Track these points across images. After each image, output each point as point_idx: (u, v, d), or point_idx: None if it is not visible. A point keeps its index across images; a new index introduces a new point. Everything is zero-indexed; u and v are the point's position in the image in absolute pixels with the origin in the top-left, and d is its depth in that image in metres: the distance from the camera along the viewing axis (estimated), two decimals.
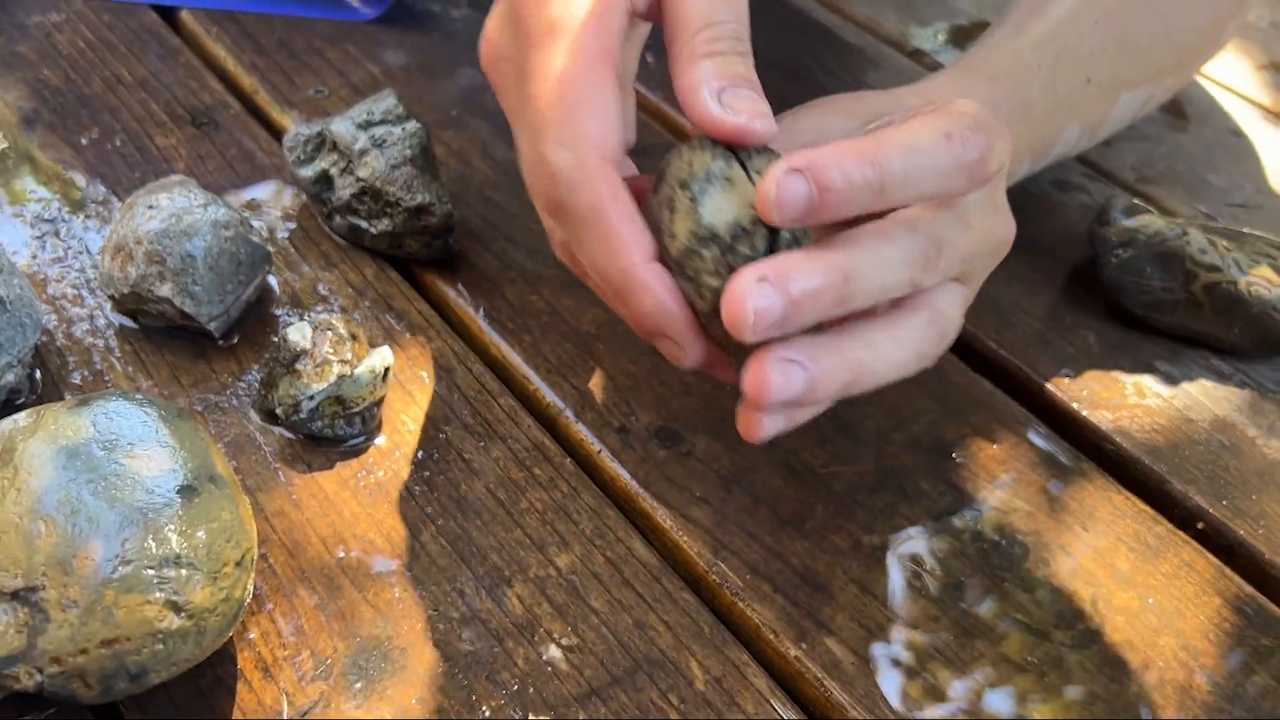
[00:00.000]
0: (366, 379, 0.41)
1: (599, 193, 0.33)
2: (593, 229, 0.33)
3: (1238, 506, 0.45)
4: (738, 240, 0.32)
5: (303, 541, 0.40)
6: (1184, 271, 0.51)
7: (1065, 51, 0.51)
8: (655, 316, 0.33)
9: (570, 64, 0.33)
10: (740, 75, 0.34)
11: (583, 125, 0.33)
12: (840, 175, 0.31)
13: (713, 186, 0.33)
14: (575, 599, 0.39)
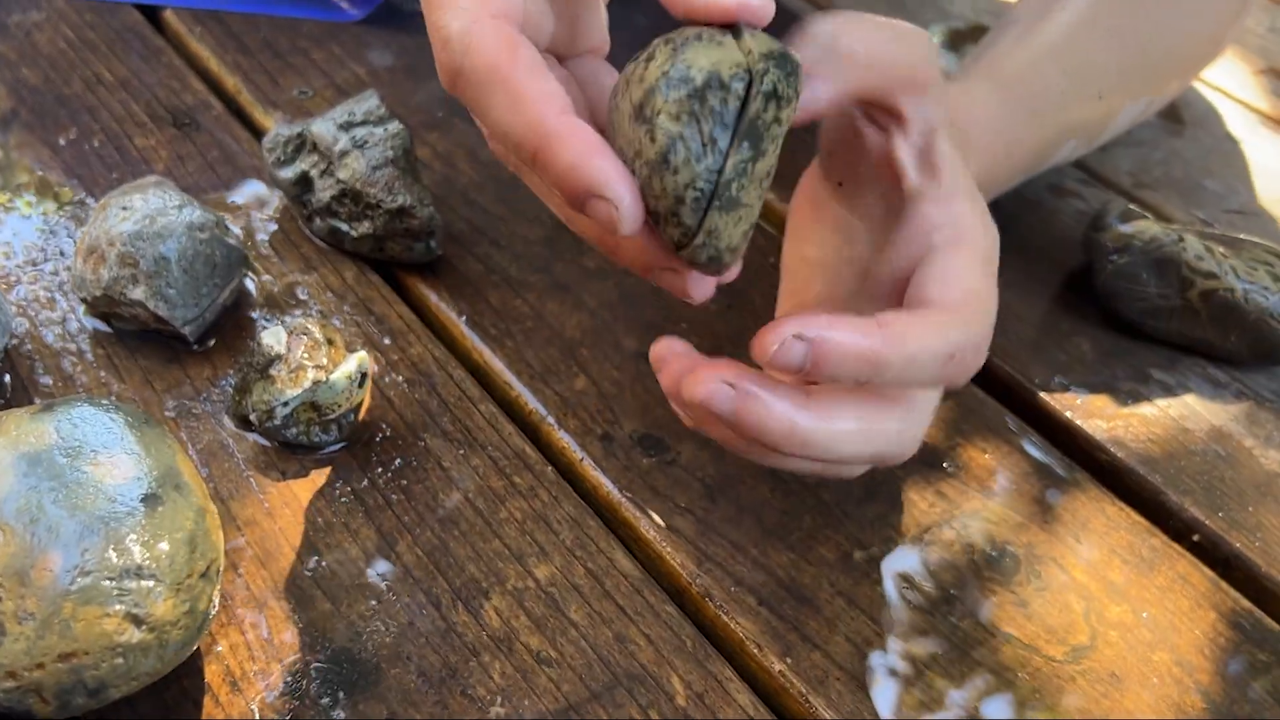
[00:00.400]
0: (342, 385, 0.41)
1: (495, 50, 0.29)
2: (495, 90, 0.29)
3: (1234, 518, 0.45)
4: (710, 89, 0.29)
5: (275, 551, 0.39)
6: (1180, 278, 0.50)
7: (1081, 65, 0.51)
8: (581, 167, 0.28)
9: None
10: None
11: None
12: (837, 361, 0.31)
13: (699, 42, 0.29)
14: (554, 611, 0.38)
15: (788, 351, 0.31)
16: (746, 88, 0.29)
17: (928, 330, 0.33)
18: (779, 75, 0.29)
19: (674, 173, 0.29)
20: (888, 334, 0.32)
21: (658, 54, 0.30)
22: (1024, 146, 0.49)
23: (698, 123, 0.29)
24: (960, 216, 0.37)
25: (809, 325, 0.31)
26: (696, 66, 0.29)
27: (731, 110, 0.29)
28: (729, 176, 0.29)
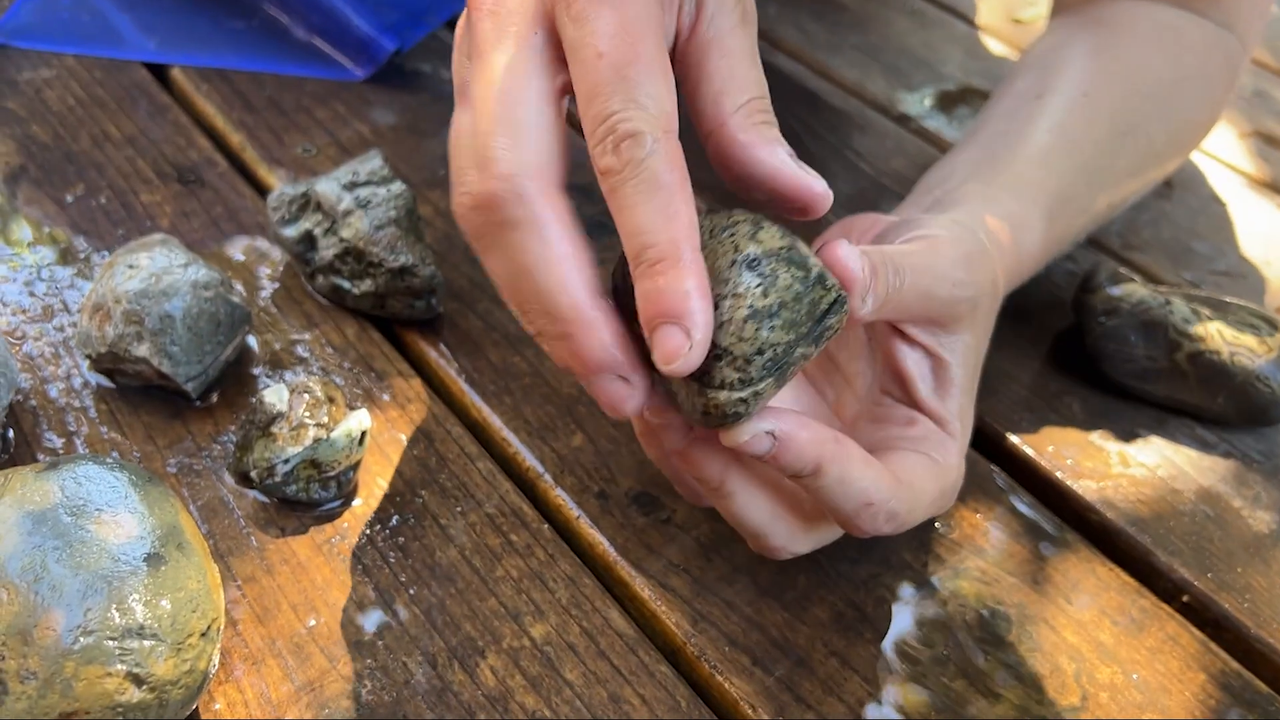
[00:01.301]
0: (343, 443, 0.41)
1: (673, 160, 0.31)
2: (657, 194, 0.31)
3: (1222, 579, 0.45)
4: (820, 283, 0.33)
5: (273, 608, 0.39)
6: (1168, 340, 0.51)
7: (1105, 174, 0.52)
8: (691, 296, 0.31)
9: (643, 27, 0.32)
10: (793, 153, 0.35)
11: (658, 93, 0.32)
12: (794, 458, 0.34)
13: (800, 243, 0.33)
14: (549, 671, 0.39)
15: (757, 444, 0.34)
16: (835, 299, 0.33)
17: (869, 470, 0.36)
18: (844, 312, 0.34)
19: (771, 329, 0.32)
20: (840, 448, 0.35)
21: (767, 226, 0.33)
22: (1047, 246, 0.50)
23: (799, 304, 0.32)
24: (948, 453, 0.40)
25: (783, 423, 0.34)
26: (812, 260, 0.33)
27: (820, 310, 0.33)
28: (794, 359, 0.33)
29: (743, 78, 0.35)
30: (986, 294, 0.42)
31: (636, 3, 0.32)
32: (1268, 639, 0.43)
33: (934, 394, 0.41)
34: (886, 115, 0.71)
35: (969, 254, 0.41)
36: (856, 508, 0.36)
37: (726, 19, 0.36)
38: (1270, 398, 0.50)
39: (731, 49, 0.35)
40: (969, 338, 0.41)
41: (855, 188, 0.64)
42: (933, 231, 0.40)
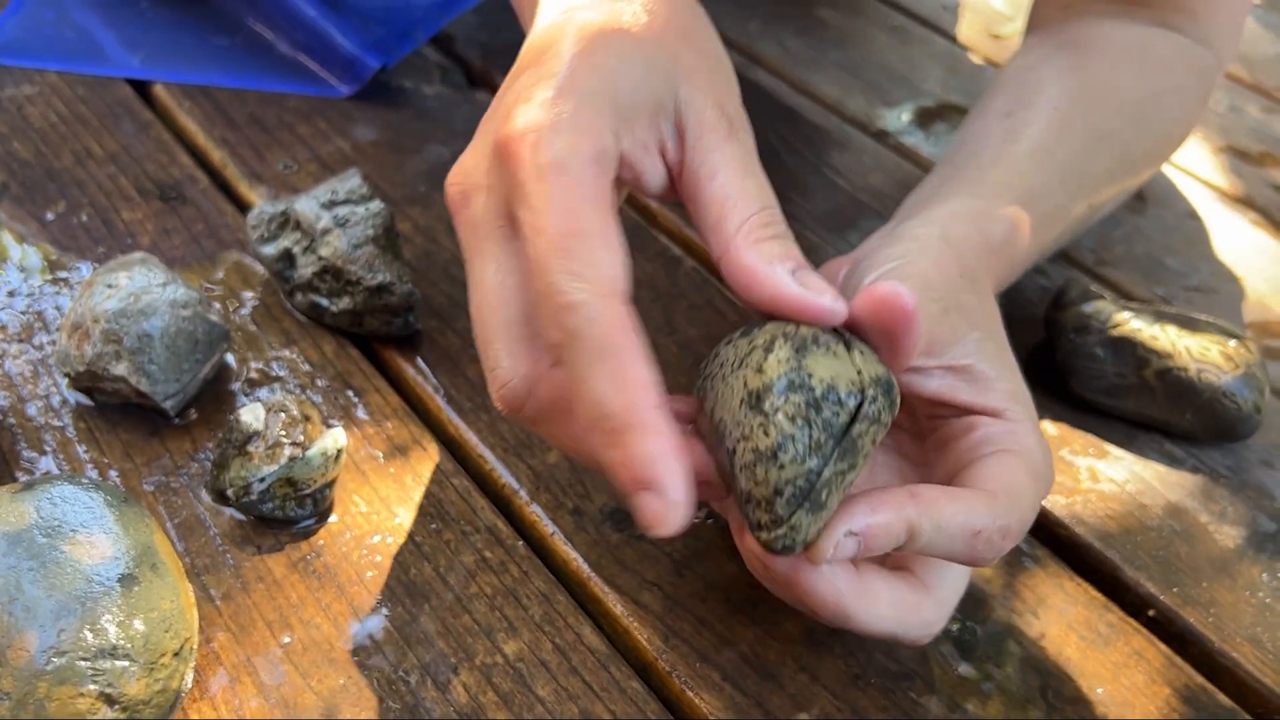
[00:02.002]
0: (318, 461, 0.42)
1: (616, 325, 0.31)
2: (605, 364, 0.31)
3: (1188, 594, 0.46)
4: (826, 400, 0.32)
5: (249, 625, 0.40)
6: (1136, 358, 0.51)
7: (1083, 181, 0.53)
8: (657, 462, 0.30)
9: (580, 200, 0.32)
10: (802, 259, 0.35)
11: (597, 259, 0.32)
12: (883, 540, 0.34)
13: (818, 349, 0.33)
14: (521, 687, 0.39)
15: (844, 549, 0.34)
16: (857, 406, 0.32)
17: (957, 505, 0.35)
18: (884, 403, 0.33)
19: (780, 468, 0.32)
20: (919, 502, 0.34)
21: (778, 348, 0.33)
22: (1028, 254, 0.51)
23: (810, 428, 0.32)
24: (1020, 437, 0.39)
25: (855, 519, 0.34)
26: (817, 376, 0.32)
27: (840, 423, 0.32)
28: (824, 481, 0.32)
29: (738, 195, 0.35)
30: (963, 289, 0.41)
31: (574, 175, 0.33)
32: (1231, 653, 0.44)
33: (976, 395, 0.39)
34: (865, 131, 0.71)
35: (935, 261, 0.41)
36: (968, 545, 0.35)
37: (710, 139, 0.36)
38: (1237, 414, 0.51)
39: (720, 168, 0.36)
40: (975, 332, 0.40)
41: (833, 204, 0.65)
42: (890, 265, 0.40)
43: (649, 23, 0.37)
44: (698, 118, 0.36)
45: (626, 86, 0.35)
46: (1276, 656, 0.44)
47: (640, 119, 0.36)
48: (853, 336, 0.35)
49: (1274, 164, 0.75)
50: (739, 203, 0.35)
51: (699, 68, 0.37)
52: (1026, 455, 0.38)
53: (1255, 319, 0.61)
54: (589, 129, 0.34)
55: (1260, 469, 0.52)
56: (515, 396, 0.36)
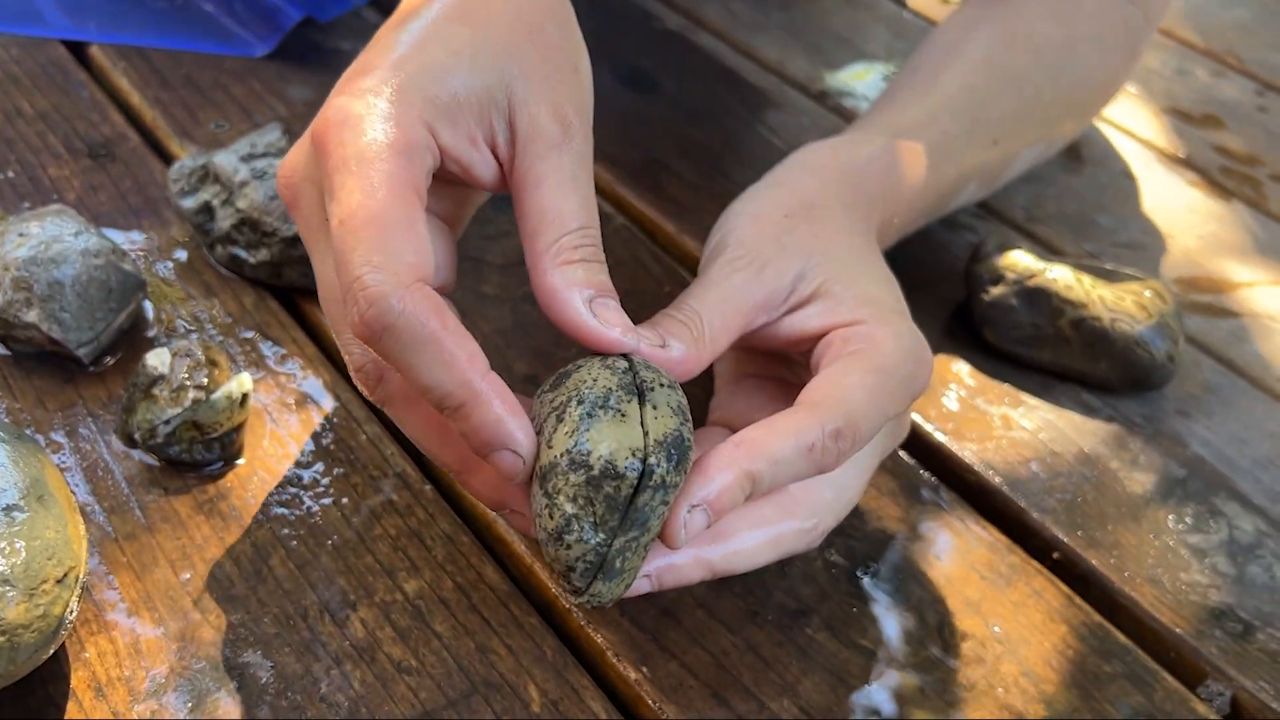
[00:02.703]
0: (223, 404, 0.42)
1: (424, 311, 0.32)
2: (425, 350, 0.32)
3: (1093, 537, 0.46)
4: (606, 478, 0.32)
5: (150, 564, 0.40)
6: (1051, 308, 0.52)
7: (979, 116, 0.53)
8: (498, 424, 0.33)
9: (382, 190, 0.33)
10: (605, 286, 0.35)
11: (397, 247, 0.32)
12: (729, 501, 0.34)
13: (605, 414, 0.33)
14: (419, 623, 0.40)
15: (694, 525, 0.34)
16: (639, 477, 0.32)
17: (782, 432, 0.35)
18: (669, 467, 0.33)
19: (567, 548, 0.32)
20: (747, 449, 0.34)
21: (569, 413, 0.33)
22: (925, 197, 0.51)
23: (592, 507, 0.32)
24: (866, 335, 0.39)
25: (694, 493, 0.34)
26: (596, 452, 0.32)
27: (623, 497, 0.32)
28: (616, 552, 0.33)
29: (555, 211, 0.35)
30: (788, 227, 0.41)
31: (377, 166, 0.33)
32: (1131, 593, 0.44)
33: (826, 316, 0.40)
34: (805, 93, 0.72)
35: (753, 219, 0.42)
36: (809, 462, 0.35)
37: (538, 146, 0.36)
38: (1150, 363, 0.51)
39: (545, 179, 0.36)
40: (812, 258, 0.40)
41: (767, 164, 0.65)
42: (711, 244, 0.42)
43: (491, 16, 0.37)
44: (530, 121, 0.36)
45: (451, 79, 0.35)
46: (1175, 596, 0.44)
47: (465, 113, 0.36)
48: (653, 376, 0.34)
49: (1217, 126, 0.75)
50: (555, 219, 0.35)
51: (540, 68, 0.37)
52: (869, 350, 0.38)
53: (1183, 275, 0.61)
54: (399, 120, 0.34)
55: (1175, 418, 0.52)
56: (370, 379, 0.37)
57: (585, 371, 0.34)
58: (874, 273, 0.42)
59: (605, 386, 0.33)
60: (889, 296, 0.41)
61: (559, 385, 0.35)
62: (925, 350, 0.40)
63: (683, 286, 0.55)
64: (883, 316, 0.39)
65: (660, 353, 0.36)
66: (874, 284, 0.41)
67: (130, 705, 0.36)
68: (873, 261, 0.43)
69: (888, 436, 0.42)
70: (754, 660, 0.40)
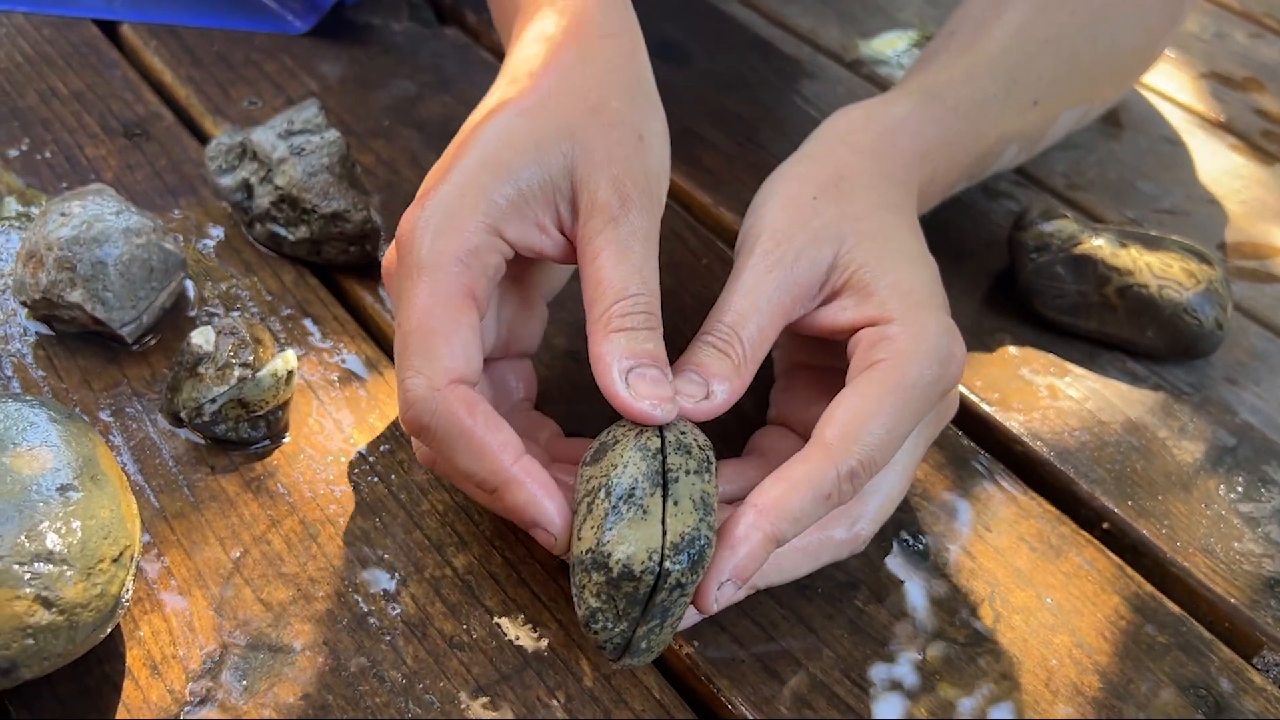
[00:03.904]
0: (268, 382, 0.42)
1: (456, 410, 0.35)
2: (458, 443, 0.35)
3: (1143, 506, 0.46)
4: (624, 579, 0.33)
5: (200, 542, 0.40)
6: (1097, 275, 0.51)
7: (1017, 76, 0.52)
8: (528, 507, 0.35)
9: (432, 300, 0.36)
10: (648, 354, 0.36)
11: (437, 353, 0.35)
12: (756, 564, 0.35)
13: (629, 511, 0.34)
14: (469, 598, 0.40)
15: (726, 598, 0.36)
16: (655, 578, 0.33)
17: (797, 486, 0.36)
18: (684, 569, 0.34)
19: (594, 633, 0.35)
20: (766, 513, 0.35)
21: (596, 505, 0.35)
22: (965, 156, 0.50)
23: (614, 602, 0.34)
24: (893, 341, 0.39)
25: (722, 570, 0.35)
26: (615, 556, 0.33)
27: (642, 595, 0.34)
28: (640, 637, 0.34)
29: (607, 281, 0.37)
30: (815, 210, 0.41)
31: (434, 276, 0.36)
32: (1182, 562, 0.44)
33: (859, 308, 0.40)
34: (839, 62, 0.71)
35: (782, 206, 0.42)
36: (829, 506, 0.36)
37: (597, 221, 0.38)
38: (1198, 330, 0.51)
39: (601, 251, 0.37)
40: (843, 243, 0.41)
41: (802, 133, 0.64)
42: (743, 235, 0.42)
43: (554, 102, 0.40)
44: (590, 197, 0.38)
45: (516, 175, 0.38)
46: (1229, 566, 0.44)
47: (530, 205, 0.38)
48: (681, 461, 0.35)
49: (1257, 89, 0.74)
50: (607, 289, 0.37)
51: (601, 144, 0.39)
52: (892, 364, 0.38)
53: (1227, 240, 0.60)
54: (459, 229, 0.37)
55: (1223, 385, 0.52)
56: (424, 456, 0.40)
57: (619, 451, 0.36)
58: (907, 253, 0.42)
59: (633, 476, 0.35)
60: (921, 282, 0.41)
61: (597, 461, 0.36)
62: (956, 344, 0.40)
63: (720, 259, 0.55)
64: (911, 312, 0.39)
65: (705, 405, 0.37)
66: (907, 268, 0.41)
67: (185, 683, 0.36)
68: (907, 240, 0.43)
69: (932, 424, 0.42)
70: (804, 632, 0.40)
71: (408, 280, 0.37)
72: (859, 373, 0.38)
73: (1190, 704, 0.39)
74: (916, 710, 0.38)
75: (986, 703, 0.38)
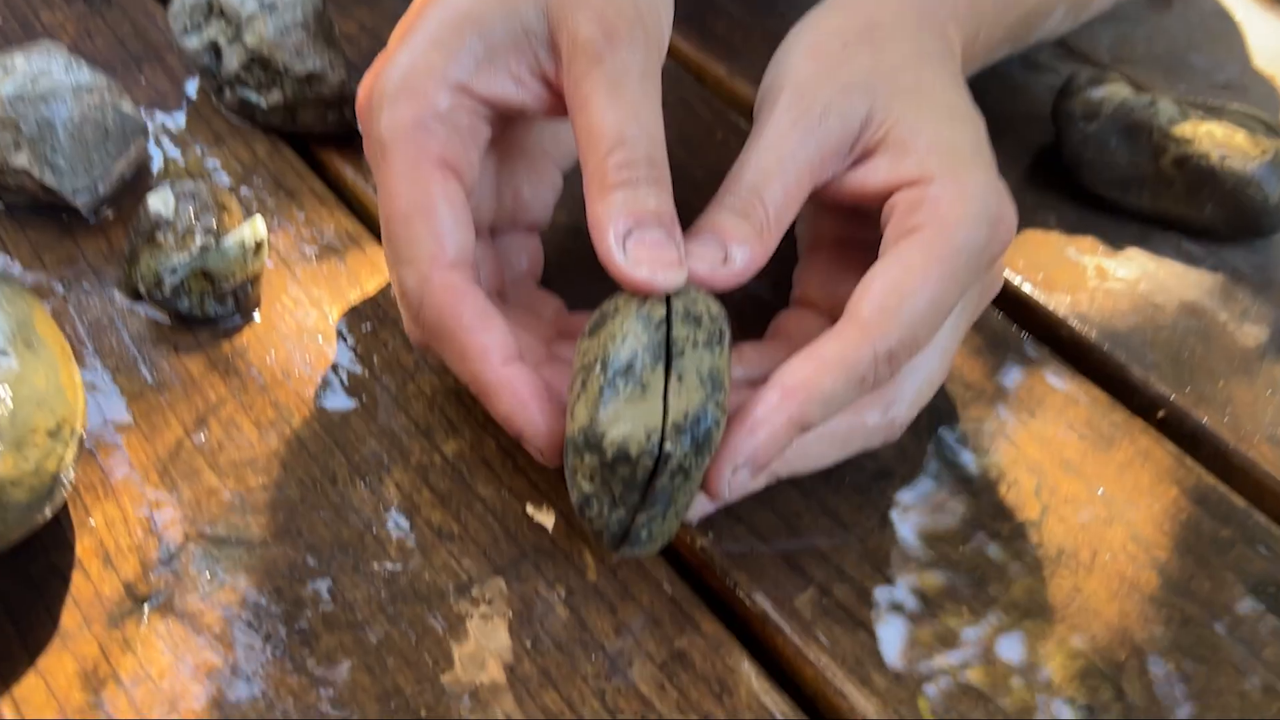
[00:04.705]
0: (235, 251, 0.38)
1: (441, 304, 0.32)
2: (442, 343, 0.33)
3: (1202, 393, 0.42)
4: (619, 462, 0.29)
5: (161, 425, 0.36)
6: (1152, 145, 0.46)
7: None
8: (513, 418, 0.32)
9: (399, 180, 0.33)
10: (649, 212, 0.32)
11: (417, 239, 0.32)
12: (774, 452, 0.31)
13: (626, 386, 0.30)
14: (460, 486, 0.36)
15: (740, 484, 0.32)
16: (655, 462, 0.29)
17: (828, 367, 0.31)
18: (688, 452, 0.30)
19: (589, 520, 0.31)
20: (793, 394, 0.31)
21: (592, 379, 0.30)
22: (1011, 12, 0.45)
23: (609, 487, 0.30)
24: (934, 204, 0.34)
25: (737, 453, 0.31)
26: (610, 436, 0.29)
27: (640, 479, 0.30)
28: (640, 525, 0.31)
29: (598, 130, 0.32)
30: (846, 58, 0.37)
31: (398, 152, 0.33)
32: (1247, 452, 0.40)
33: (893, 168, 0.35)
34: None
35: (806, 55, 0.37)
36: (862, 389, 0.32)
37: (580, 65, 0.33)
38: (1262, 205, 0.46)
39: (589, 97, 0.33)
40: (876, 98, 0.36)
41: None
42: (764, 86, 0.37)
43: None
44: (570, 37, 0.33)
45: (483, 26, 0.34)
46: None
47: (502, 55, 0.34)
48: (688, 332, 0.31)
49: None
50: (599, 138, 0.32)
51: None
52: (933, 229, 0.33)
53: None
54: (419, 94, 0.33)
55: None
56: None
57: (619, 322, 0.31)
58: (948, 107, 0.37)
59: (632, 348, 0.30)
60: (964, 138, 0.36)
61: (595, 333, 0.32)
62: (1005, 205, 0.35)
63: (735, 132, 0.50)
64: (954, 170, 0.35)
65: (723, 272, 0.33)
66: (948, 123, 0.37)
67: (143, 575, 0.32)
68: (948, 91, 0.38)
69: (975, 300, 0.38)
70: (830, 524, 0.36)
71: (373, 161, 0.34)
72: (897, 241, 0.34)
73: (1259, 602, 0.35)
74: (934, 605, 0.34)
75: (1032, 601, 0.35)
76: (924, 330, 0.33)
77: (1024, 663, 0.33)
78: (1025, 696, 0.33)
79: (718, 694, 0.32)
